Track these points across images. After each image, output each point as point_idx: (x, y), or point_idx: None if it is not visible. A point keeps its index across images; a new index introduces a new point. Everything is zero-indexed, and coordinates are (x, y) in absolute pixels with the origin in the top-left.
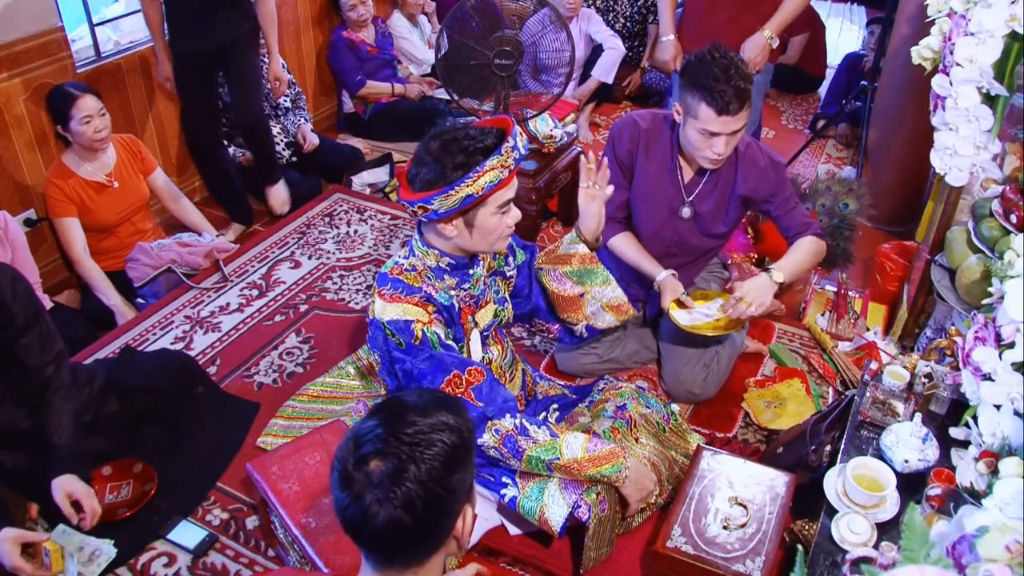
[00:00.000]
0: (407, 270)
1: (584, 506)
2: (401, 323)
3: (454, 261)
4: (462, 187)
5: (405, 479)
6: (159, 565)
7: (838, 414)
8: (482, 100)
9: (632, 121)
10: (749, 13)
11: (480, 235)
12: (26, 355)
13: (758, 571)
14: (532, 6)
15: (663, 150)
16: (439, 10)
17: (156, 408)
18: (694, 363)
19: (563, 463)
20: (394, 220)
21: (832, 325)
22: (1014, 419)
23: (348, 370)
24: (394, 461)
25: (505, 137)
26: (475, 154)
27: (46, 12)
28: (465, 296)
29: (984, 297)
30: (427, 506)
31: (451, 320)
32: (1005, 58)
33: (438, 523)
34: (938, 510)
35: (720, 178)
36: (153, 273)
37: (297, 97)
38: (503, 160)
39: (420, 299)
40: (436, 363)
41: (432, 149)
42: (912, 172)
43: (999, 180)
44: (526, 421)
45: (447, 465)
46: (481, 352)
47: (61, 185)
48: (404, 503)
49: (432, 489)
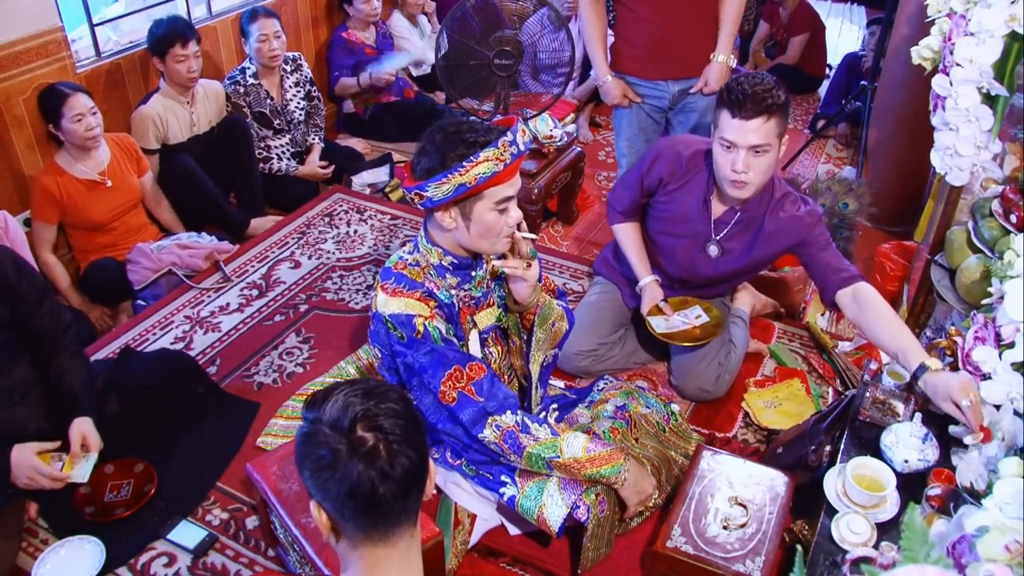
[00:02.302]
0: (411, 265)
1: (583, 507)
2: (403, 317)
3: (457, 260)
4: (455, 175)
5: (392, 426)
6: (159, 565)
7: (838, 414)
8: (482, 100)
9: (675, 153)
10: (697, 27)
11: (478, 231)
12: (39, 325)
13: (758, 571)
14: (532, 6)
15: (699, 184)
16: (439, 10)
17: (156, 408)
18: (709, 359)
19: (563, 462)
20: (394, 220)
21: (832, 325)
22: (1014, 419)
23: (348, 370)
24: (373, 419)
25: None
26: (473, 146)
27: (46, 12)
28: (465, 296)
29: (984, 297)
30: (419, 435)
31: (451, 318)
32: (1005, 58)
33: (426, 459)
34: (938, 510)
35: (750, 218)
36: (153, 276)
37: (314, 110)
38: (498, 153)
39: (422, 294)
40: (437, 357)
41: (435, 139)
42: (912, 172)
43: (999, 180)
44: (527, 418)
45: (412, 410)
46: (481, 353)
47: (50, 187)
48: (406, 441)
49: (413, 419)
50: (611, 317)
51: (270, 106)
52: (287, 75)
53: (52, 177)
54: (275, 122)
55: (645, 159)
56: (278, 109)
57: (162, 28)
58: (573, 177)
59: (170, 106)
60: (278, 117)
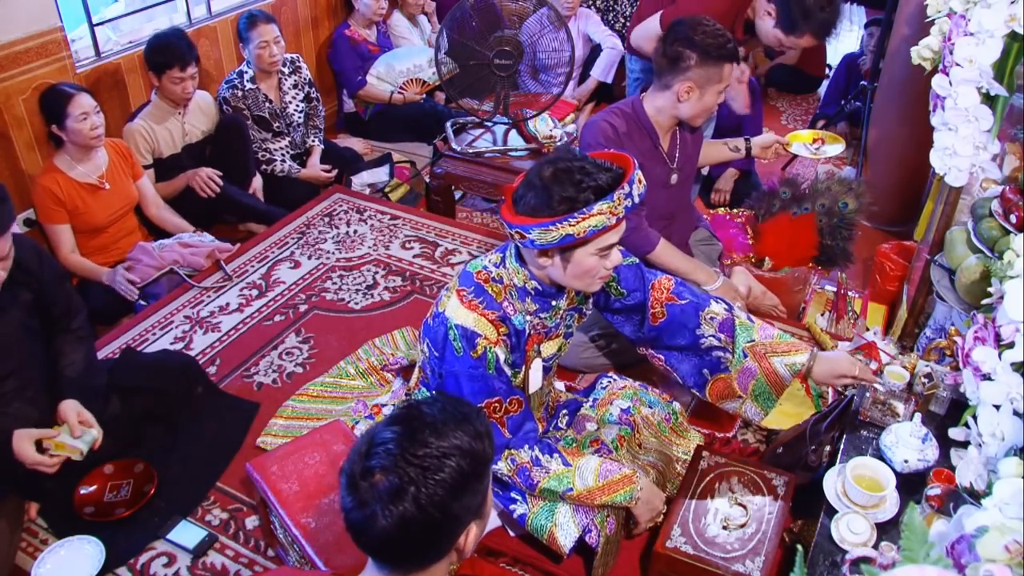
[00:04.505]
0: (494, 280)
1: (594, 531)
2: (469, 332)
3: (541, 288)
4: (564, 226)
5: (404, 500)
6: (159, 565)
7: (838, 414)
8: (482, 100)
9: (605, 126)
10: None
11: (574, 272)
12: (56, 311)
13: (758, 571)
14: (532, 6)
15: (642, 135)
16: (439, 10)
17: (157, 408)
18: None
19: (576, 495)
20: (394, 220)
21: (832, 325)
22: (1014, 419)
23: (348, 370)
24: (397, 481)
25: (622, 180)
26: (585, 191)
27: (46, 12)
28: (539, 324)
29: (984, 297)
30: (424, 528)
31: (516, 345)
32: (1005, 58)
33: (435, 542)
34: (938, 510)
35: (682, 130)
36: (156, 274)
37: (313, 112)
38: (613, 206)
39: (497, 317)
40: (485, 382)
41: (544, 175)
42: (912, 172)
43: (999, 180)
44: (539, 451)
45: (452, 492)
46: (540, 382)
47: (52, 188)
48: (399, 522)
49: (431, 514)
50: None
51: (269, 109)
52: (285, 77)
53: (52, 177)
54: (274, 125)
55: (596, 147)
56: (277, 112)
57: (161, 46)
58: None
59: (161, 118)
60: (277, 120)
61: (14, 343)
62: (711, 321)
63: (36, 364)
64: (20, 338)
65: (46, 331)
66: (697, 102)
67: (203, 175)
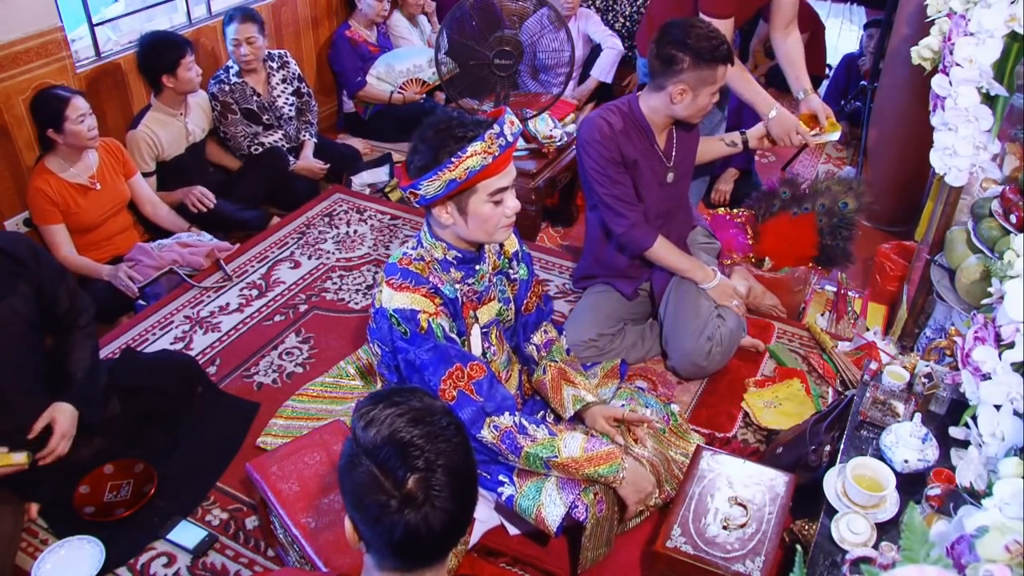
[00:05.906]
0: (416, 260)
1: (581, 506)
2: (408, 312)
3: (461, 255)
4: (445, 171)
5: (444, 484)
6: (159, 565)
7: (838, 414)
8: (482, 100)
9: (601, 123)
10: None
11: (475, 224)
12: (59, 308)
13: (758, 571)
14: (532, 6)
15: (638, 133)
16: (439, 10)
17: (157, 408)
18: (697, 335)
19: (561, 461)
20: (394, 220)
21: (832, 325)
22: (1014, 419)
23: (348, 370)
24: (427, 473)
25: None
26: (462, 140)
27: (46, 12)
28: (469, 291)
29: (984, 297)
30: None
31: (455, 313)
32: (1005, 58)
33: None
34: (938, 510)
35: (679, 129)
36: (155, 274)
37: (305, 107)
38: (486, 146)
39: (428, 290)
40: (439, 354)
41: (426, 137)
42: (912, 172)
43: (999, 180)
44: (524, 419)
45: (461, 436)
46: (481, 347)
47: (46, 190)
48: (458, 494)
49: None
50: (610, 311)
51: (257, 102)
52: (273, 72)
53: (44, 179)
54: (263, 117)
55: (594, 148)
56: (266, 105)
57: (160, 45)
58: (573, 177)
59: (163, 121)
60: (266, 112)
61: (14, 333)
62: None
63: (35, 356)
64: (20, 330)
65: (47, 327)
66: (691, 103)
67: (196, 193)
